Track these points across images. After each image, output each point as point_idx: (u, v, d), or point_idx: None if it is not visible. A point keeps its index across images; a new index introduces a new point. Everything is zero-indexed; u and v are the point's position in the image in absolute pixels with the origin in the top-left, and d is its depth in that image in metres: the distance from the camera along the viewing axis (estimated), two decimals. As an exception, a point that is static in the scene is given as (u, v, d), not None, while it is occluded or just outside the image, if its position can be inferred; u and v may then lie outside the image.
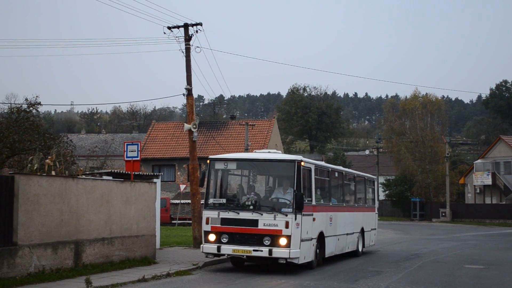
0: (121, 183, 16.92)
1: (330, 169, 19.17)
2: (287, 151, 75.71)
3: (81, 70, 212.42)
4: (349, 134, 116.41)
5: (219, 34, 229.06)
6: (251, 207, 15.71)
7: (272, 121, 54.74)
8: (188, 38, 23.35)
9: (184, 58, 23.40)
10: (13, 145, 21.09)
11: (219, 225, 15.74)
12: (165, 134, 53.06)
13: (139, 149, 19.71)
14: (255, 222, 15.34)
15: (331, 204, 18.84)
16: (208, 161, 16.62)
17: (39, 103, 23.66)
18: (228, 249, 15.55)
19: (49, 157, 16.74)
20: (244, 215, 15.53)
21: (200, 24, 23.60)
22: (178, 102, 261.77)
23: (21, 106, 24.18)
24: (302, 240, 15.47)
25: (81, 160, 31.88)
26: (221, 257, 16.73)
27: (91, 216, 15.44)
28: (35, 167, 16.48)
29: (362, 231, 22.15)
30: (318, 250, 17.01)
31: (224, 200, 16.29)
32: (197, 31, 23.47)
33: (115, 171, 22.04)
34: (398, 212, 68.37)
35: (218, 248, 15.60)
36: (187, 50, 23.35)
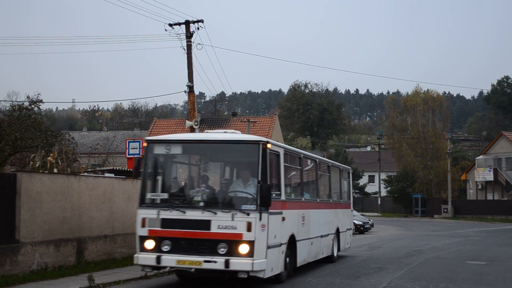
0: (123, 180, 16.94)
1: (302, 155, 15.39)
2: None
3: (83, 68, 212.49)
4: (351, 131, 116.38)
5: (220, 31, 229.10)
6: (202, 204, 11.97)
7: (273, 118, 54.74)
8: (189, 35, 23.36)
9: (186, 55, 23.41)
10: (15, 143, 21.09)
11: (159, 228, 11.95)
12: (166, 131, 53.07)
13: (140, 146, 19.76)
14: (206, 224, 11.68)
15: (303, 199, 15.05)
16: (144, 144, 12.95)
17: (41, 101, 23.63)
18: (170, 260, 11.82)
19: (51, 154, 16.76)
20: (193, 214, 11.82)
21: (202, 21, 23.62)
22: (179, 99, 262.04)
23: (22, 103, 24.16)
24: (269, 247, 11.92)
25: (82, 157, 31.84)
26: (162, 270, 13.31)
27: (93, 214, 15.48)
28: (37, 165, 16.51)
29: (338, 232, 18.87)
30: (288, 259, 13.46)
31: (166, 195, 12.49)
32: (198, 28, 23.50)
33: (117, 168, 22.06)
34: (399, 208, 68.44)
35: (158, 259, 11.84)
36: (189, 47, 23.36)
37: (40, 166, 16.50)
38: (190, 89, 23.33)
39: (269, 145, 12.10)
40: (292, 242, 13.69)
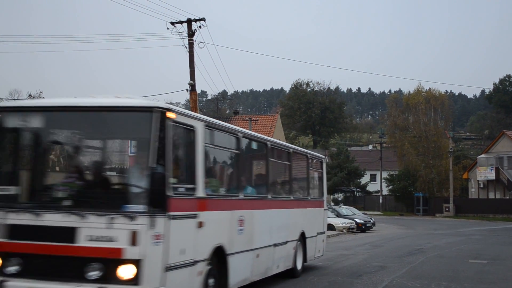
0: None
1: (240, 134, 10.99)
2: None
3: (85, 66, 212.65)
4: (353, 129, 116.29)
5: (222, 29, 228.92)
6: (67, 203, 7.97)
7: (275, 116, 54.75)
8: (191, 33, 23.39)
9: (188, 54, 23.44)
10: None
11: (4, 240, 7.98)
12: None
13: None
14: (70, 234, 7.70)
15: (241, 196, 10.87)
16: None
17: (43, 99, 23.73)
18: None
19: (53, 152, 16.76)
20: (52, 219, 7.82)
21: (203, 19, 23.66)
22: (181, 98, 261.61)
23: (24, 102, 24.22)
24: (169, 268, 7.96)
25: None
26: None
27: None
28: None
29: (303, 238, 14.76)
30: (213, 281, 9.46)
31: (15, 190, 8.44)
32: (200, 27, 23.54)
33: (119, 166, 22.05)
34: (401, 207, 68.44)
35: None
36: (190, 45, 23.38)
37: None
38: (192, 87, 23.37)
39: (170, 114, 8.04)
40: (220, 257, 9.66)
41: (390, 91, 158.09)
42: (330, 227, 34.58)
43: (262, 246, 11.78)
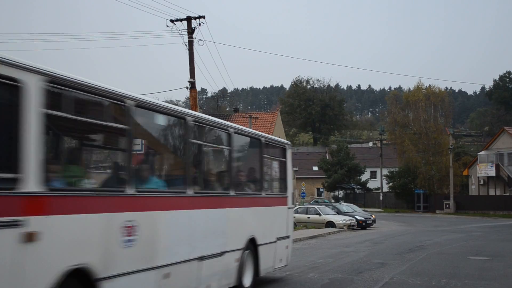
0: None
1: (130, 102, 7.58)
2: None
3: (86, 63, 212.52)
4: (353, 126, 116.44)
5: (222, 26, 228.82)
6: None
7: (275, 113, 54.77)
8: (191, 31, 23.37)
9: (187, 51, 23.43)
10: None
11: None
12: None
13: (143, 143, 19.76)
14: None
15: (130, 191, 7.50)
16: None
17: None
18: None
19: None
20: None
21: (203, 17, 23.64)
22: (181, 95, 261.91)
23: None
24: None
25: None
26: None
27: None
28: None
29: (254, 245, 11.56)
30: None
31: None
32: (200, 24, 23.52)
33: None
34: (401, 204, 68.47)
35: None
36: (190, 43, 23.37)
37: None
38: (192, 85, 23.36)
39: None
40: (86, 285, 6.53)
41: (390, 88, 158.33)
42: (331, 224, 34.67)
43: (175, 261, 8.45)
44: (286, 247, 13.48)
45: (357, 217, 36.76)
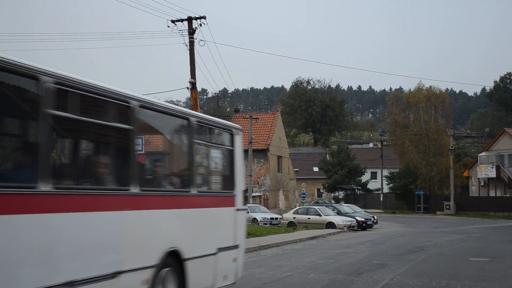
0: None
1: None
2: (291, 144, 75.72)
3: (87, 64, 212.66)
4: (353, 127, 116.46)
5: (223, 26, 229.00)
6: None
7: (276, 114, 54.82)
8: (192, 31, 23.38)
9: (188, 52, 23.43)
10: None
11: None
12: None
13: (143, 143, 19.76)
14: None
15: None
16: None
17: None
18: None
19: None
20: None
21: (204, 17, 23.64)
22: (182, 96, 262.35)
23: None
24: None
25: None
26: None
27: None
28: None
29: (179, 261, 8.54)
30: None
31: None
32: (200, 25, 23.53)
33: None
34: (402, 205, 68.49)
35: None
36: (191, 43, 23.38)
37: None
38: (193, 85, 23.36)
39: None
40: None
41: (390, 89, 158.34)
42: (331, 225, 34.65)
43: None
44: (233, 260, 10.39)
45: (357, 218, 36.76)
